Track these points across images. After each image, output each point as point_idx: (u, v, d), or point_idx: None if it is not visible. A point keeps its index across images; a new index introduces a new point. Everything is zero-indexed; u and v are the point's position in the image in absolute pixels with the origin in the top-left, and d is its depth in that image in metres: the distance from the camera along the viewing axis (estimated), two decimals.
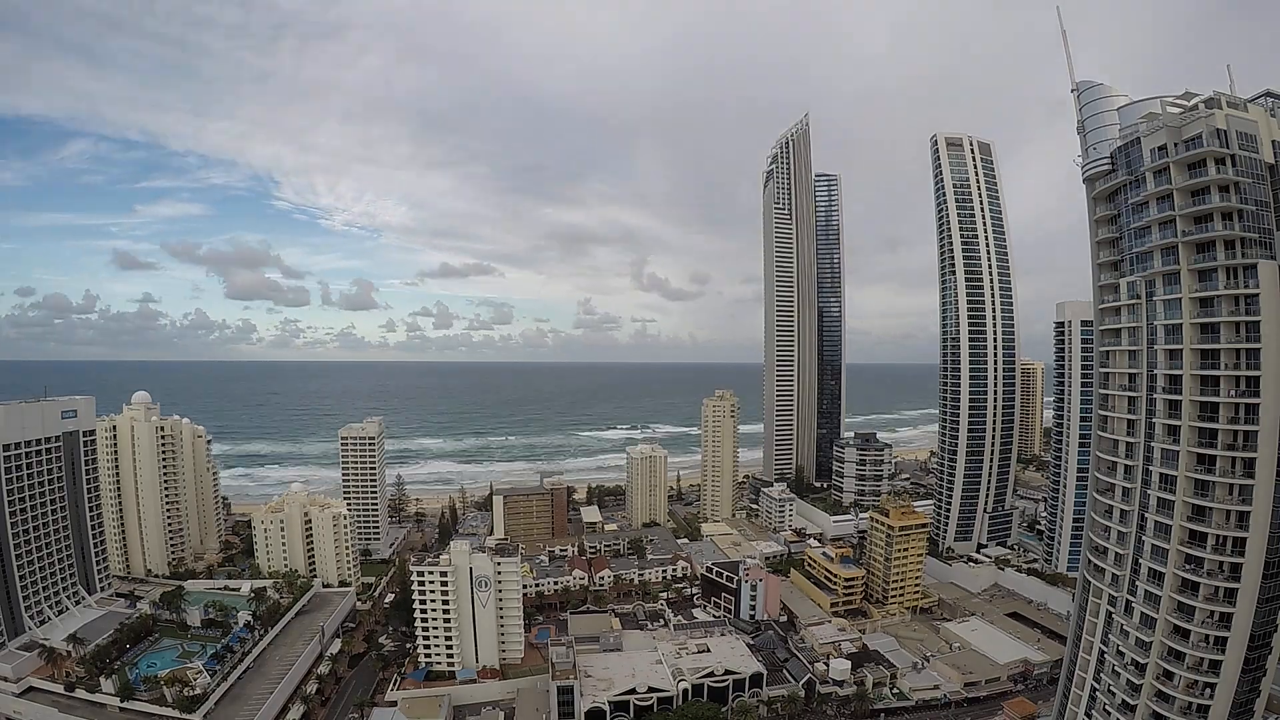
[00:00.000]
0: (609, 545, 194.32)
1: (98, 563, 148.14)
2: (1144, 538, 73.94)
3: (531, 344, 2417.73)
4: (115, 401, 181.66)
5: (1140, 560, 74.50)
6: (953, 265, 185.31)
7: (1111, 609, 79.57)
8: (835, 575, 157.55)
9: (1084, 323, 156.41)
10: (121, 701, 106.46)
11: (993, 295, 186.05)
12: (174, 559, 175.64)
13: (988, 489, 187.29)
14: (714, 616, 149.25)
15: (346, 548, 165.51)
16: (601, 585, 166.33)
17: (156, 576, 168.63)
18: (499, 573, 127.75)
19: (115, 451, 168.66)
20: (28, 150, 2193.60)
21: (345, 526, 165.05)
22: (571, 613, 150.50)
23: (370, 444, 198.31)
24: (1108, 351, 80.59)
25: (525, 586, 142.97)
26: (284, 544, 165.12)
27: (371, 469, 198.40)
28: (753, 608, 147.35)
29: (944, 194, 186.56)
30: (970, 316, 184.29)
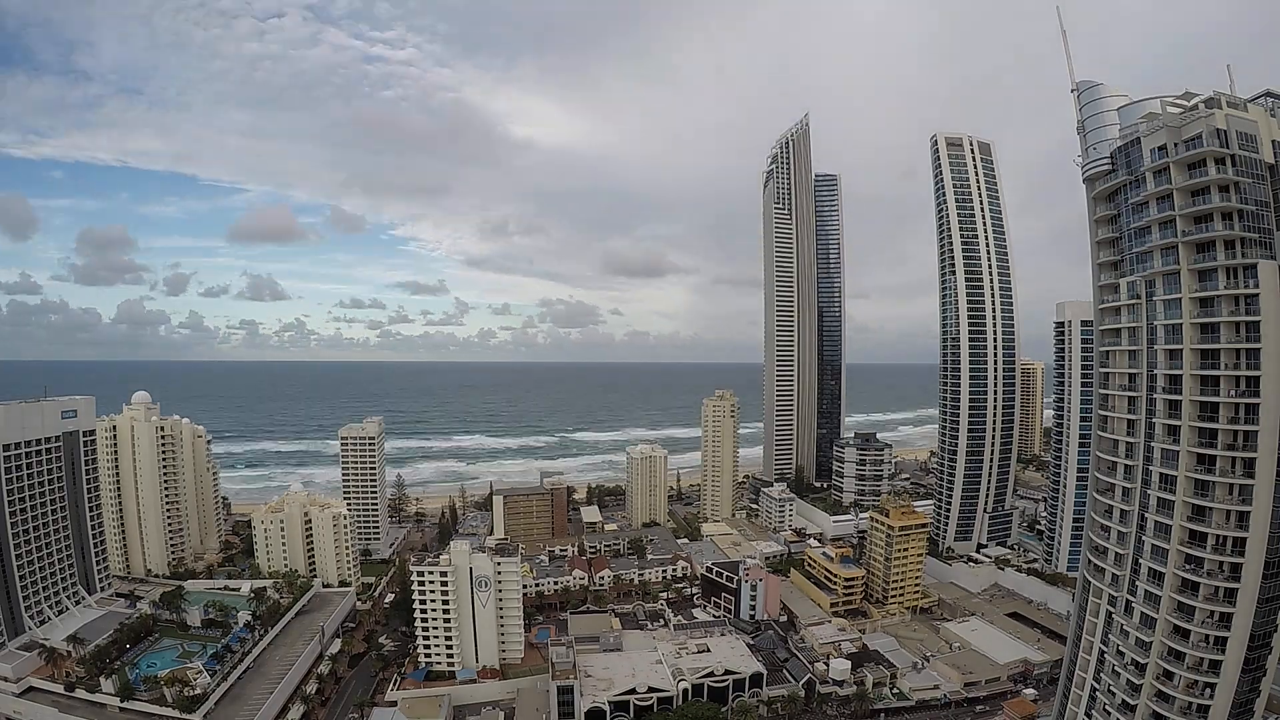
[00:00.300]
0: (609, 545, 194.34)
1: (98, 563, 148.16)
2: (1144, 538, 73.92)
3: (524, 342, 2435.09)
4: (115, 401, 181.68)
5: (1140, 560, 74.48)
6: (953, 265, 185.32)
7: (1111, 609, 79.55)
8: (835, 575, 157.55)
9: (1084, 323, 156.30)
10: (121, 701, 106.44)
11: (993, 295, 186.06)
12: (174, 559, 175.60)
13: (988, 489, 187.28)
14: (714, 616, 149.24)
15: (346, 548, 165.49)
16: (601, 585, 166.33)
17: (156, 576, 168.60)
18: (499, 573, 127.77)
19: (115, 451, 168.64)
20: (202, 195, 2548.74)
21: (345, 526, 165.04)
22: (571, 613, 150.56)
23: (370, 444, 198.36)
24: (1108, 351, 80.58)
25: (525, 586, 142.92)
26: (284, 544, 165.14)
27: (371, 469, 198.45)
28: (753, 608, 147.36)
29: (944, 194, 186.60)
30: (970, 316, 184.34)
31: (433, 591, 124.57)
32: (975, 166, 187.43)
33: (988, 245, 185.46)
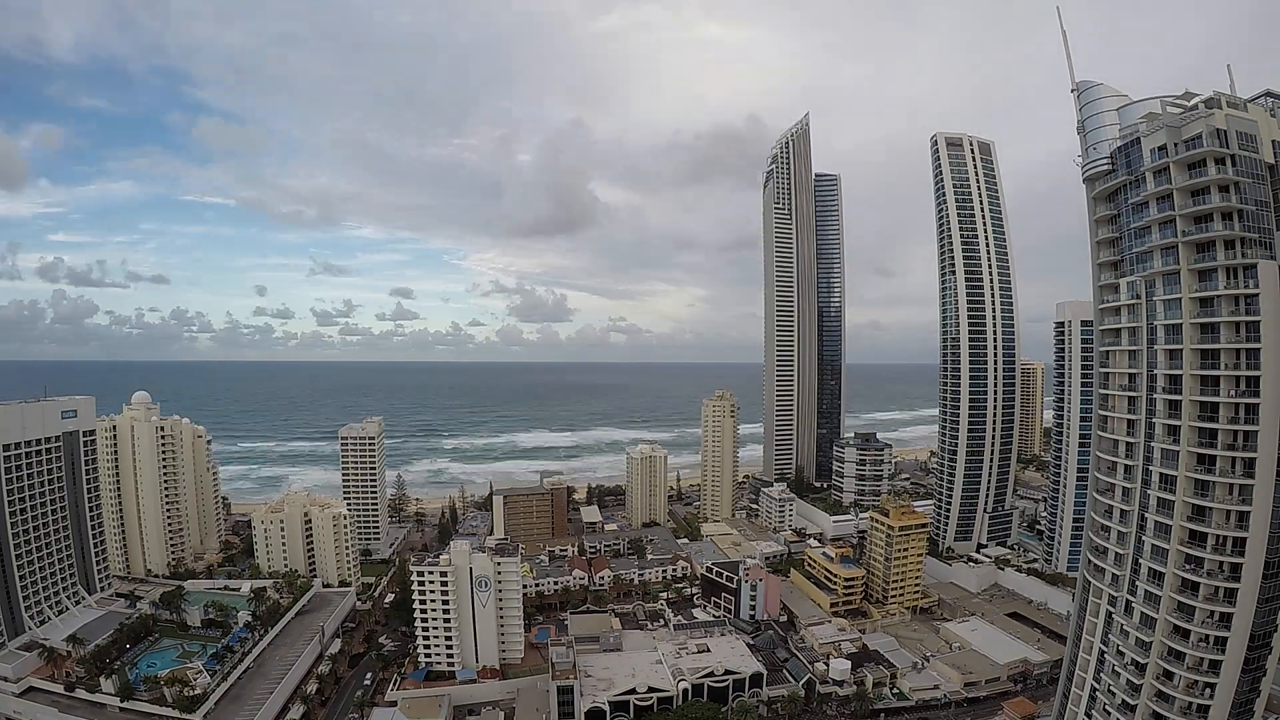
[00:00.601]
0: (609, 545, 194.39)
1: (98, 563, 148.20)
2: (1144, 538, 73.90)
3: (513, 341, 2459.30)
4: (116, 402, 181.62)
5: (1140, 560, 74.45)
6: (953, 265, 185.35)
7: (1111, 609, 79.53)
8: (835, 575, 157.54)
9: (1084, 323, 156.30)
10: (121, 701, 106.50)
11: (993, 295, 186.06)
12: (174, 559, 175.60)
13: (988, 489, 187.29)
14: (714, 616, 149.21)
15: (346, 548, 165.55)
16: (601, 585, 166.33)
17: (156, 576, 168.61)
18: (499, 573, 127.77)
19: (115, 451, 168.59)
20: (326, 221, 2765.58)
21: (345, 526, 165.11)
22: (571, 613, 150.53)
23: (370, 444, 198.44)
24: (1108, 351, 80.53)
25: (525, 586, 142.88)
26: (284, 544, 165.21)
27: (371, 469, 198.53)
28: (753, 608, 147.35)
29: (944, 194, 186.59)
30: (970, 316, 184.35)
31: (433, 591, 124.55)
32: (975, 167, 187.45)
33: (988, 245, 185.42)
